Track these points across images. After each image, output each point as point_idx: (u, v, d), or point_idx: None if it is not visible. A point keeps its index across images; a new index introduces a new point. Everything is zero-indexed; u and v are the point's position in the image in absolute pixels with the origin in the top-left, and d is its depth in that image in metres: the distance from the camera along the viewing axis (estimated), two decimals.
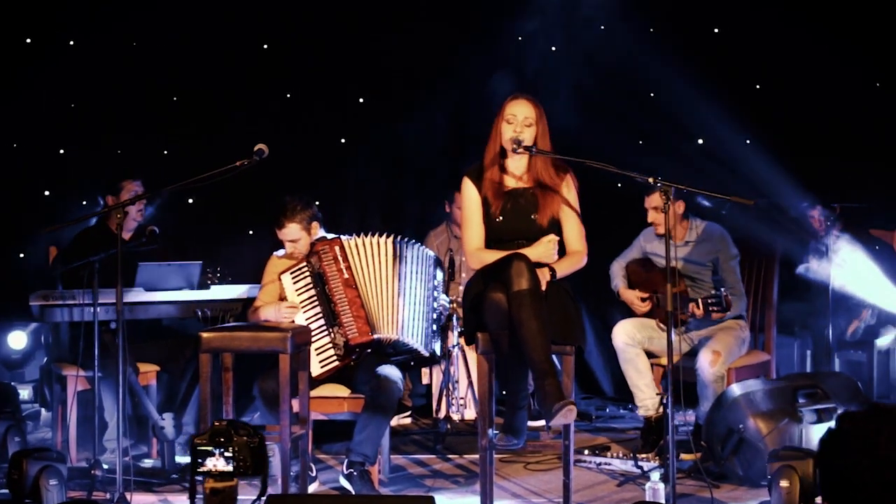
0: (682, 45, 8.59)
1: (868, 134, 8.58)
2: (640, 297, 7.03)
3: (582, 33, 8.69)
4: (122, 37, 8.43)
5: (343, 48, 8.72)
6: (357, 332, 5.96)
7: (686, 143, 8.77)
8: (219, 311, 6.60)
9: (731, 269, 6.89)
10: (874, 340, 7.92)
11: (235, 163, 5.54)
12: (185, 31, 8.41)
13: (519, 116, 5.51)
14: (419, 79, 8.78)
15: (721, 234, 6.95)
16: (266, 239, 7.74)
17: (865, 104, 8.61)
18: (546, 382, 5.02)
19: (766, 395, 6.06)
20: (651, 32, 8.86)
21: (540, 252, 5.42)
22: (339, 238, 6.18)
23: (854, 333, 7.86)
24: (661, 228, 6.95)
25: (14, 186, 8.41)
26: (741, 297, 6.88)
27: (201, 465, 4.30)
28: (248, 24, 8.54)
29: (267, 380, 5.97)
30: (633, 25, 8.68)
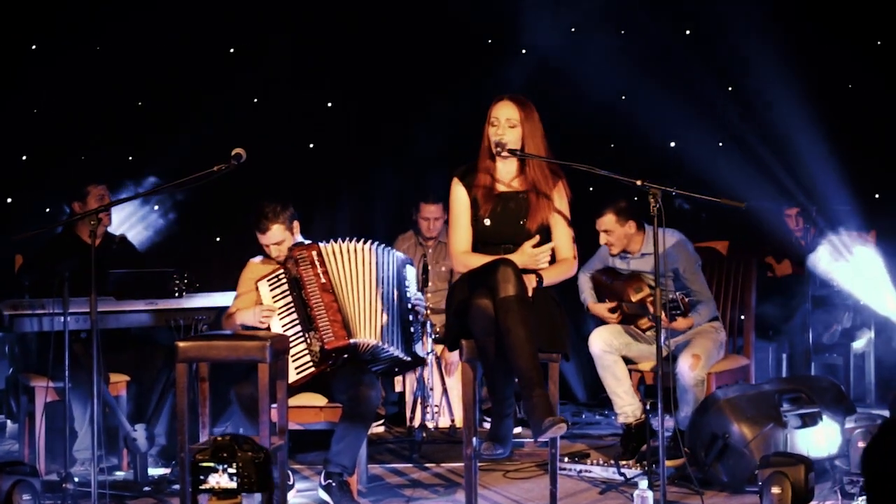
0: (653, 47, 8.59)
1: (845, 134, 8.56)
2: (608, 308, 6.94)
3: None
4: (87, 41, 8.25)
5: (312, 51, 8.61)
6: (333, 337, 5.83)
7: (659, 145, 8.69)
8: (191, 319, 6.46)
9: (693, 276, 6.77)
10: (850, 343, 7.87)
11: (213, 167, 5.38)
12: (151, 35, 8.26)
13: (501, 118, 5.41)
14: (392, 83, 8.72)
15: (678, 242, 6.78)
16: (234, 246, 7.70)
17: (841, 103, 8.62)
18: (534, 394, 4.92)
19: (749, 401, 5.99)
20: (622, 34, 8.81)
21: (525, 260, 5.31)
22: (316, 244, 6.06)
23: (832, 336, 7.80)
24: (616, 249, 6.90)
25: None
26: (709, 302, 6.78)
27: (203, 482, 4.13)
28: (214, 28, 8.42)
29: (245, 386, 5.83)
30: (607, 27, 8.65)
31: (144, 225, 8.09)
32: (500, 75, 8.46)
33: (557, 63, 8.57)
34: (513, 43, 8.85)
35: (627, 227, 6.83)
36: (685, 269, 6.76)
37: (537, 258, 5.34)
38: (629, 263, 6.94)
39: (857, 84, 8.72)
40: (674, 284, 6.84)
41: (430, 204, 8.04)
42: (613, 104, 8.82)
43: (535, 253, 5.33)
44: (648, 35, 8.73)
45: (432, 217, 8.05)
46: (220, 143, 5.72)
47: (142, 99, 8.47)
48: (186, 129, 8.20)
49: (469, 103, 8.38)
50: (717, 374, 6.68)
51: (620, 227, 6.81)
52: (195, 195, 7.41)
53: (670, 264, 6.79)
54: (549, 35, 8.72)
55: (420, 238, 8.12)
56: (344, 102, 8.83)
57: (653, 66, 8.68)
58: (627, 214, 6.80)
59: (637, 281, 6.84)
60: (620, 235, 6.84)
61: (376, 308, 5.94)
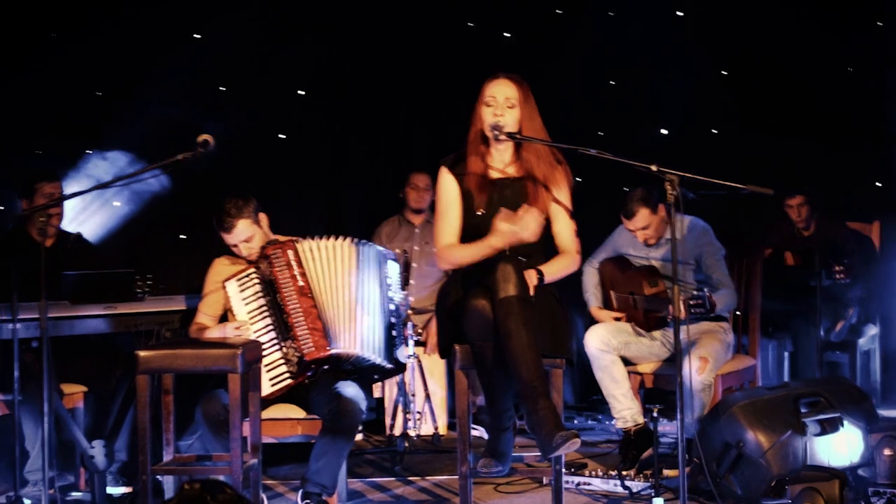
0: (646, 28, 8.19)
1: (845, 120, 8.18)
2: (614, 317, 6.49)
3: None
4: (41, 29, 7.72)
5: (281, 35, 8.14)
6: (313, 347, 5.33)
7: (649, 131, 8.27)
8: (154, 324, 6.00)
9: (716, 264, 6.38)
10: (857, 340, 7.43)
11: (177, 156, 4.86)
12: (110, 21, 7.73)
13: (499, 98, 4.92)
14: (367, 69, 8.32)
15: (704, 228, 6.45)
16: (201, 245, 7.22)
17: (841, 88, 8.24)
18: (539, 405, 4.45)
19: (765, 406, 5.53)
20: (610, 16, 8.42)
21: (506, 238, 4.80)
22: (291, 241, 5.54)
23: (839, 333, 7.34)
24: (654, 239, 6.53)
25: None
26: (732, 293, 6.37)
27: None
28: (178, 14, 7.90)
29: (211, 401, 5.35)
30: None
31: (101, 221, 7.54)
32: (481, 59, 8.00)
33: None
34: (494, 26, 8.43)
35: (661, 213, 6.45)
36: (707, 257, 6.37)
37: (520, 230, 4.77)
38: (649, 252, 6.49)
39: (856, 67, 8.25)
40: (693, 275, 6.46)
41: (419, 174, 7.75)
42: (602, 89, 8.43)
43: (513, 227, 4.76)
44: (641, 15, 8.31)
45: (422, 185, 7.72)
46: (183, 133, 5.24)
47: (101, 88, 7.91)
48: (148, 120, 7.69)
49: (450, 88, 8.12)
50: (722, 376, 6.26)
51: (656, 216, 6.45)
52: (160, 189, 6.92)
53: (692, 251, 6.44)
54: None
55: (406, 217, 7.71)
56: (315, 90, 8.36)
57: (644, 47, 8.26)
58: (655, 199, 6.41)
59: (653, 274, 6.39)
60: (657, 225, 6.47)
61: (358, 313, 5.47)
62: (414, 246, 7.63)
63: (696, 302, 5.97)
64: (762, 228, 7.74)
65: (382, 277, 5.63)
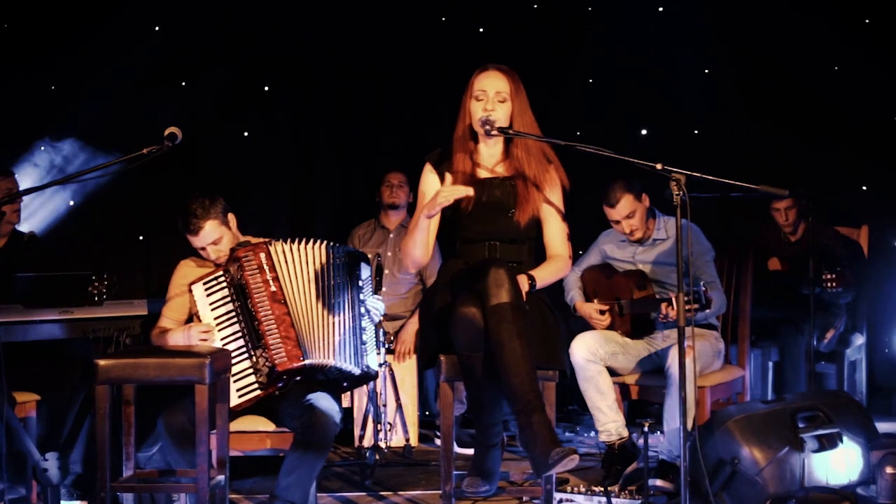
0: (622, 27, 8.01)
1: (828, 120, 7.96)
2: (598, 309, 6.18)
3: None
4: None
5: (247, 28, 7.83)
6: (286, 357, 5.00)
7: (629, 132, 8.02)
8: (112, 330, 5.70)
9: (705, 265, 6.11)
10: (845, 351, 7.16)
11: (142, 150, 4.54)
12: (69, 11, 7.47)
13: (489, 91, 4.63)
14: (338, 64, 8.05)
15: (695, 229, 6.16)
16: (164, 245, 6.96)
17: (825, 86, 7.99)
18: (534, 420, 4.15)
19: (761, 420, 5.25)
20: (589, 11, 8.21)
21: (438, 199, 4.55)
22: (263, 244, 5.21)
23: (829, 343, 7.08)
24: (639, 233, 6.21)
25: None
26: (721, 296, 6.10)
27: None
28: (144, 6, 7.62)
29: (175, 413, 5.00)
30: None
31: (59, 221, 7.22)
32: (456, 55, 7.79)
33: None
34: (468, 21, 8.17)
35: (645, 202, 6.17)
36: (696, 258, 6.09)
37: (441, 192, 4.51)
38: (635, 254, 6.21)
39: (843, 66, 8.00)
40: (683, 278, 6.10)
41: (393, 172, 7.45)
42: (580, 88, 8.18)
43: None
44: (619, 14, 8.10)
45: (396, 182, 7.41)
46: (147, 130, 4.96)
47: (55, 83, 7.57)
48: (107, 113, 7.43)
49: (426, 85, 7.92)
50: (711, 388, 5.95)
51: (641, 204, 6.15)
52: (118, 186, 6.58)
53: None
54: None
55: (381, 222, 7.39)
56: (282, 86, 8.06)
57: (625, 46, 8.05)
58: (640, 188, 6.12)
59: (640, 277, 6.10)
60: (642, 214, 6.18)
61: (332, 320, 5.16)
62: (387, 252, 7.30)
63: (692, 299, 5.70)
64: (748, 232, 7.46)
65: (355, 280, 5.32)
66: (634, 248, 6.25)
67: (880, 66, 7.79)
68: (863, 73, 7.85)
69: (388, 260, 7.28)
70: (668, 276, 6.16)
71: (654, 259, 6.18)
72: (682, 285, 4.36)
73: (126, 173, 4.77)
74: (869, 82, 7.81)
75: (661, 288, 6.16)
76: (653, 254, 6.18)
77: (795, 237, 7.30)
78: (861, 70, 7.87)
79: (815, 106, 7.92)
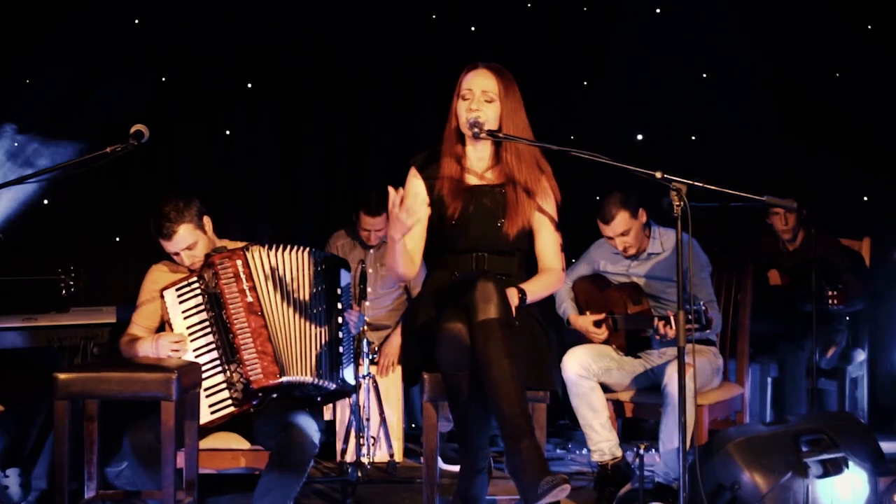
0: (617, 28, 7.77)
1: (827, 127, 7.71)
2: (594, 321, 5.91)
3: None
4: None
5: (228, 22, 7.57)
6: (262, 374, 4.74)
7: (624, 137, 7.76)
8: (79, 339, 5.46)
9: (702, 282, 5.86)
10: (847, 367, 6.90)
11: (106, 149, 4.27)
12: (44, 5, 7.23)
13: (476, 91, 4.37)
14: (322, 60, 7.79)
15: (692, 243, 5.88)
16: (136, 248, 6.71)
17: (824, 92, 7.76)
18: (523, 445, 3.88)
19: (763, 443, 5.01)
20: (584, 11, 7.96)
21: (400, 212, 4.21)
22: (241, 250, 4.93)
23: (831, 359, 6.82)
24: (634, 248, 5.96)
25: None
26: (718, 314, 5.85)
27: None
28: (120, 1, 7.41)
29: (141, 430, 4.73)
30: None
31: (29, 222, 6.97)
32: (447, 54, 7.54)
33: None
34: (459, 20, 7.92)
35: (642, 218, 5.93)
36: (693, 274, 5.82)
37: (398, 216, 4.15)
38: (629, 267, 5.95)
39: (843, 72, 7.77)
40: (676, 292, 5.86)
41: (370, 216, 6.91)
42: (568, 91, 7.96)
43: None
44: (615, 15, 7.89)
45: (373, 229, 6.95)
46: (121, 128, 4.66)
47: (28, 76, 7.36)
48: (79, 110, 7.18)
49: (414, 84, 7.76)
50: (709, 406, 5.69)
51: (637, 221, 5.91)
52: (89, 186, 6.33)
53: (676, 267, 5.82)
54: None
55: (361, 236, 7.02)
56: (266, 84, 7.80)
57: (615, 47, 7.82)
58: (636, 203, 5.88)
59: (635, 291, 5.84)
60: (638, 230, 5.94)
61: (311, 333, 4.90)
62: (368, 268, 6.97)
63: (691, 317, 5.46)
64: (746, 242, 7.20)
65: (334, 289, 5.06)
66: (628, 261, 6.00)
67: (882, 73, 7.56)
68: (865, 80, 7.61)
69: (370, 277, 6.95)
70: (663, 292, 5.91)
71: (648, 273, 5.93)
72: (682, 302, 4.09)
73: (102, 171, 4.49)
74: (871, 90, 7.58)
75: (657, 302, 5.91)
76: (647, 267, 5.94)
77: (794, 246, 7.05)
78: (863, 77, 7.64)
79: (816, 114, 7.68)
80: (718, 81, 7.88)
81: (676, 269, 5.83)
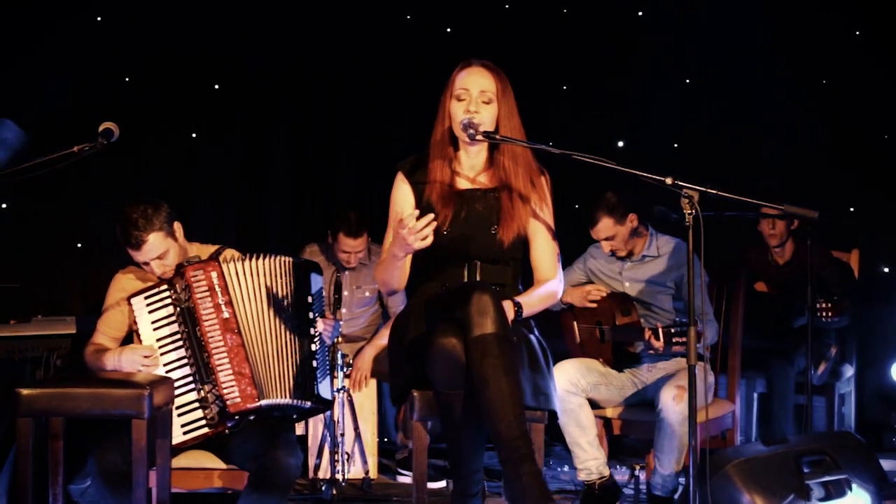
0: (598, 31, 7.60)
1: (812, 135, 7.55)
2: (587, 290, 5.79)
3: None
4: None
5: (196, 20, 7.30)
6: (239, 398, 4.45)
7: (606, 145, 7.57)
8: (42, 351, 5.20)
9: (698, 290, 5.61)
10: (836, 383, 6.70)
11: (72, 148, 3.98)
12: None
13: (473, 90, 4.11)
14: (293, 61, 7.53)
15: (683, 250, 5.71)
16: (100, 255, 6.63)
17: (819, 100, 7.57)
18: (523, 471, 3.65)
19: (763, 465, 4.82)
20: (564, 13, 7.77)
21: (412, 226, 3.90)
22: (215, 260, 4.64)
23: (822, 375, 6.61)
24: (621, 252, 5.80)
25: None
26: (714, 325, 5.69)
27: None
28: None
29: (108, 451, 4.40)
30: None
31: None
32: (422, 55, 7.44)
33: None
34: (435, 20, 7.69)
35: (630, 223, 5.72)
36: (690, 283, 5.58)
37: (408, 234, 3.86)
38: (623, 270, 5.73)
39: (830, 79, 7.58)
40: (672, 302, 5.74)
41: (351, 238, 6.58)
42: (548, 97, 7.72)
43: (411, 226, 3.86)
44: (596, 17, 7.69)
45: (353, 251, 6.63)
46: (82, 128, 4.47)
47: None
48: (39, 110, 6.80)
49: (388, 86, 7.52)
50: (701, 425, 5.43)
51: (623, 227, 5.72)
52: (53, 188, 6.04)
53: (671, 275, 5.75)
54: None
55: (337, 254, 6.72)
56: (234, 85, 7.52)
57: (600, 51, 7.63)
58: (624, 208, 5.69)
59: (624, 302, 5.62)
60: (624, 236, 5.75)
61: (288, 350, 4.62)
62: (343, 290, 6.66)
63: (680, 330, 5.26)
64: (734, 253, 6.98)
65: (304, 297, 4.75)
66: (622, 264, 5.80)
67: (870, 79, 7.39)
68: (854, 87, 7.43)
69: (345, 300, 6.64)
70: (654, 298, 5.71)
71: (641, 276, 5.73)
72: (693, 319, 3.86)
73: (62, 173, 4.20)
74: (860, 97, 7.40)
75: (647, 310, 5.70)
76: (640, 271, 5.74)
77: (784, 259, 6.83)
78: (852, 84, 7.45)
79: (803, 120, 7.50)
80: (702, 87, 7.70)
81: (671, 274, 5.68)
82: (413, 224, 3.81)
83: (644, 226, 5.79)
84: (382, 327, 6.59)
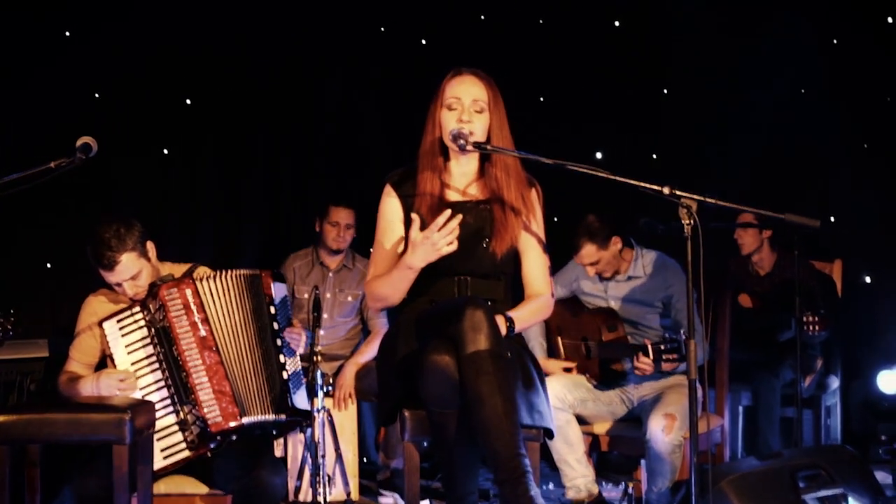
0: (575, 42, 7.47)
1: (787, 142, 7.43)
2: (563, 367, 5.61)
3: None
4: None
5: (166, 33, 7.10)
6: (220, 417, 4.32)
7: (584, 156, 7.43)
8: (15, 374, 5.04)
9: (686, 310, 5.49)
10: (822, 395, 6.60)
11: (49, 164, 3.83)
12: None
13: (465, 100, 3.99)
14: (270, 74, 7.37)
15: (674, 266, 5.61)
16: (73, 275, 6.26)
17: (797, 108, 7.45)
18: (520, 492, 3.52)
19: (759, 480, 4.70)
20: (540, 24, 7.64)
21: (427, 252, 3.86)
22: (189, 278, 4.49)
23: (809, 387, 6.51)
24: (606, 273, 5.70)
25: None
26: (703, 344, 5.51)
27: None
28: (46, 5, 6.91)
29: (87, 478, 4.25)
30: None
31: None
32: (397, 67, 7.32)
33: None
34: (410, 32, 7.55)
35: (614, 246, 5.62)
36: (677, 301, 5.54)
37: (437, 241, 3.79)
38: (607, 289, 5.62)
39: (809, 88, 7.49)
40: (659, 320, 5.62)
41: (340, 207, 6.53)
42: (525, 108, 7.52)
43: (430, 236, 3.79)
44: (572, 28, 7.56)
45: (343, 223, 6.53)
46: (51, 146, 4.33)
47: None
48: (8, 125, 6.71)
49: (360, 98, 7.42)
50: (689, 440, 5.33)
51: (606, 251, 5.61)
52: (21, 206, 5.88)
53: (659, 292, 5.62)
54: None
55: (317, 257, 6.62)
56: (206, 99, 7.33)
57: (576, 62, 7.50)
58: (605, 232, 5.59)
59: (610, 317, 5.50)
60: (609, 259, 5.65)
61: (265, 365, 4.50)
62: (326, 293, 6.55)
63: (670, 347, 5.15)
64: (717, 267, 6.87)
65: (270, 308, 4.63)
66: (606, 282, 5.68)
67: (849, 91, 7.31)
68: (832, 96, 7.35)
69: (328, 302, 6.54)
70: (642, 317, 5.60)
71: (627, 296, 5.61)
72: (692, 332, 3.75)
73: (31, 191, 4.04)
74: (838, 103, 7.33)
75: (634, 329, 5.59)
76: (625, 290, 5.62)
77: (765, 270, 6.73)
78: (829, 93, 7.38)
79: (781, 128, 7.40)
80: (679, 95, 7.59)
81: (658, 294, 5.56)
82: (436, 228, 3.73)
83: (629, 244, 5.69)
84: (363, 344, 6.46)
